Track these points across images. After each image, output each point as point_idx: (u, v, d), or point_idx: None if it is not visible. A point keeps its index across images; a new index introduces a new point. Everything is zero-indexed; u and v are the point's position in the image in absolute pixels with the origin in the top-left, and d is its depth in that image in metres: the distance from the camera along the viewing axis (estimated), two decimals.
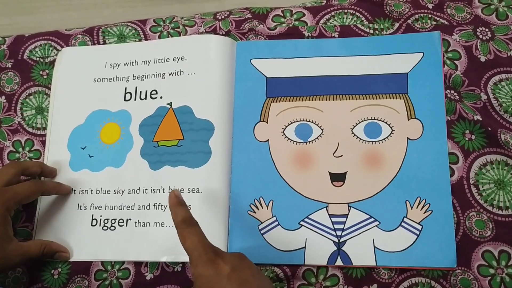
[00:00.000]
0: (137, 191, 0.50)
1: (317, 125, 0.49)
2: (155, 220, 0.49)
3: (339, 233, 0.46)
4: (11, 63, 0.58)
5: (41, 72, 0.57)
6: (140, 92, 0.53)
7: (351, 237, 0.46)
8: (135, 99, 0.53)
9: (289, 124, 0.50)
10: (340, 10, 0.54)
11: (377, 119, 0.49)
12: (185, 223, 0.39)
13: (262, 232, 0.47)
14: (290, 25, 0.54)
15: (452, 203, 0.46)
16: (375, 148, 0.48)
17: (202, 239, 0.39)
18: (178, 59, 0.53)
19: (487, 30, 0.50)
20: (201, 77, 0.52)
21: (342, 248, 0.46)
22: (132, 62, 0.55)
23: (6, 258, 0.44)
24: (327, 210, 0.47)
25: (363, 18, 0.53)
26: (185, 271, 0.48)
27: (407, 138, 0.48)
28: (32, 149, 0.55)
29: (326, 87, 0.50)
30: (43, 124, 0.55)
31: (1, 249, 0.44)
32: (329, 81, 0.51)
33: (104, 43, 0.57)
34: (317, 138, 0.49)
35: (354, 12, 0.53)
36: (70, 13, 0.68)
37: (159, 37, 0.56)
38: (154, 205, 0.49)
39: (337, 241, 0.46)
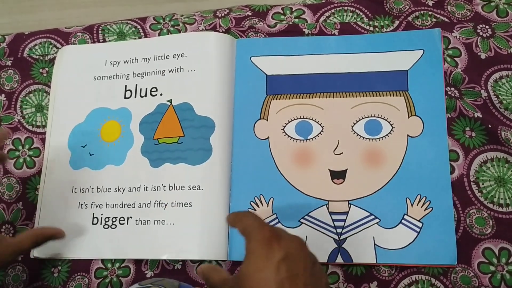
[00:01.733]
0: (138, 189, 0.50)
1: (317, 122, 0.49)
2: (156, 218, 0.49)
3: (339, 230, 0.46)
4: (11, 61, 0.58)
5: (41, 70, 0.57)
6: (140, 89, 0.53)
7: (352, 235, 0.46)
8: (135, 97, 0.53)
9: (289, 122, 0.50)
10: (340, 8, 0.54)
11: (377, 117, 0.49)
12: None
13: None
14: (290, 23, 0.54)
15: (453, 200, 0.46)
16: (376, 146, 0.48)
17: (257, 218, 0.36)
18: (178, 56, 0.53)
19: (487, 27, 0.50)
20: (201, 74, 0.52)
21: (343, 246, 0.46)
22: (132, 59, 0.54)
23: None
24: (327, 208, 0.47)
25: (363, 16, 0.53)
26: (185, 269, 0.48)
27: (407, 135, 0.48)
28: (32, 147, 0.55)
29: (326, 84, 0.50)
30: (43, 122, 0.55)
31: None
32: (329, 79, 0.50)
33: (104, 41, 0.57)
34: (317, 135, 0.49)
35: (354, 9, 0.53)
36: (70, 11, 0.68)
37: (159, 35, 0.56)
38: (154, 203, 0.49)
39: (338, 238, 0.46)
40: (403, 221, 0.46)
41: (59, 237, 0.48)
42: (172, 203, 0.48)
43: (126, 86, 0.54)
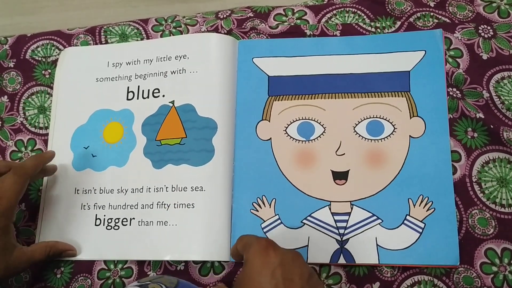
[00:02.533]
0: (141, 190, 0.50)
1: (319, 123, 0.49)
2: (159, 219, 0.49)
3: (341, 231, 0.46)
4: (14, 63, 0.58)
5: (43, 72, 0.57)
6: (143, 91, 0.53)
7: (354, 235, 0.46)
8: (137, 98, 0.53)
9: (291, 123, 0.50)
10: (342, 9, 0.54)
11: (379, 117, 0.49)
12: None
13: (264, 230, 0.48)
14: (292, 24, 0.54)
15: (455, 201, 0.46)
16: (378, 146, 0.48)
17: (256, 235, 0.38)
18: (180, 58, 0.53)
19: (489, 28, 0.50)
20: (203, 76, 0.52)
21: (345, 246, 0.46)
22: (134, 61, 0.55)
23: (10, 267, 0.44)
24: (330, 209, 0.47)
25: (365, 17, 0.53)
26: (188, 270, 0.48)
27: (410, 136, 0.48)
28: (35, 148, 0.55)
29: (328, 85, 0.50)
30: (46, 124, 0.56)
31: (4, 260, 0.43)
32: (331, 80, 0.51)
33: (106, 42, 0.57)
34: (319, 136, 0.49)
35: (355, 10, 0.53)
36: (72, 13, 0.68)
37: (161, 36, 0.56)
38: (157, 204, 0.49)
39: (340, 239, 0.46)
40: (405, 221, 0.46)
41: (70, 254, 0.49)
42: (174, 204, 0.49)
43: (128, 87, 0.54)
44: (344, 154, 0.48)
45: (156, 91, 0.53)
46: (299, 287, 0.33)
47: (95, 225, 0.50)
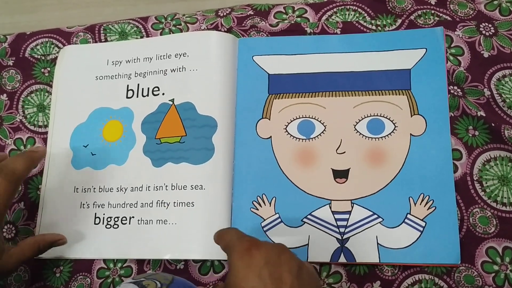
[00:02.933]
0: (140, 189, 0.50)
1: (320, 121, 0.49)
2: (158, 217, 0.48)
3: (342, 230, 0.46)
4: (13, 61, 0.58)
5: (42, 70, 0.57)
6: (142, 89, 0.53)
7: (354, 234, 0.46)
8: (137, 96, 0.53)
9: (291, 121, 0.50)
10: (342, 7, 0.54)
11: (380, 116, 0.48)
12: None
13: (265, 229, 0.47)
14: (292, 22, 0.54)
15: (456, 199, 0.46)
16: (378, 145, 0.48)
17: (238, 232, 0.37)
18: (180, 56, 0.53)
19: (490, 25, 0.50)
20: (203, 74, 0.52)
21: (345, 245, 0.46)
22: (134, 59, 0.54)
23: (1, 271, 0.43)
24: (330, 207, 0.47)
25: (366, 15, 0.53)
26: (187, 269, 0.48)
27: (410, 134, 0.48)
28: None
29: (329, 83, 0.50)
30: (45, 122, 0.55)
31: None
32: (332, 78, 0.50)
33: (106, 40, 0.57)
34: (319, 134, 0.49)
35: (356, 8, 0.53)
36: (71, 11, 0.68)
37: (161, 34, 0.56)
38: (157, 203, 0.49)
39: (340, 238, 0.46)
40: (406, 220, 0.46)
41: (60, 243, 0.48)
42: (174, 202, 0.48)
43: (128, 85, 0.54)
44: (344, 152, 0.48)
45: (156, 89, 0.53)
46: (289, 285, 0.32)
47: (95, 224, 0.50)
